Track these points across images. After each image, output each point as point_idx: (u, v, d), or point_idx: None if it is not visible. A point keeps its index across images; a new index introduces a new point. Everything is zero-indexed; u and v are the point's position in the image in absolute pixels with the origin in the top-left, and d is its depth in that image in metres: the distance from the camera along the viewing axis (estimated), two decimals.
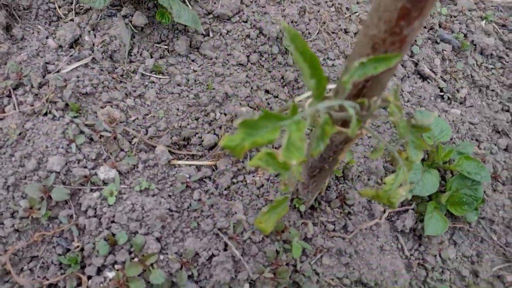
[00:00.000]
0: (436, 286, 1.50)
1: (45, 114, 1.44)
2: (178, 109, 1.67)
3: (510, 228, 1.67)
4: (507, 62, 2.19)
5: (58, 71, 1.56)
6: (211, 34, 1.91)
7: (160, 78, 1.75)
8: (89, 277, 1.27)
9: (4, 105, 1.44)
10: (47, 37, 1.64)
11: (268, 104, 1.82)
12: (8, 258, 1.23)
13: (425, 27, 2.19)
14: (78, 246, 1.28)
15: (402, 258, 1.52)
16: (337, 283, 1.39)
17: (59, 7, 1.77)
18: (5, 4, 1.60)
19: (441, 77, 2.04)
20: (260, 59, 1.92)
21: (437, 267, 1.54)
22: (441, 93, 1.99)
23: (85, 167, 1.37)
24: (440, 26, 2.24)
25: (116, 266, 1.26)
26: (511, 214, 1.69)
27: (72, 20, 1.73)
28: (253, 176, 1.52)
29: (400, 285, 1.45)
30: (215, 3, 1.95)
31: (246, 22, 1.96)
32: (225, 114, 1.70)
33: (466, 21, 2.27)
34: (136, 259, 1.26)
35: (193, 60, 1.85)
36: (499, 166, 1.82)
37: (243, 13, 1.97)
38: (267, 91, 1.87)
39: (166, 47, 1.85)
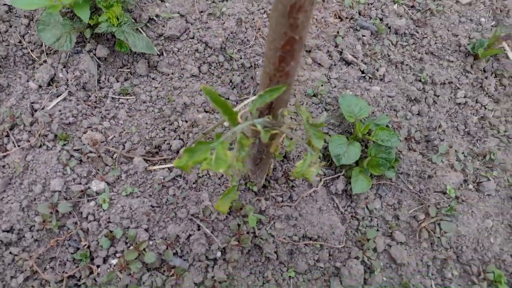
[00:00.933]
0: (366, 231, 1.95)
1: (40, 146, 1.80)
2: (147, 123, 2.04)
3: (422, 178, 2.12)
4: (418, 38, 2.60)
5: (43, 108, 1.91)
6: (165, 54, 2.25)
7: (128, 99, 2.10)
8: (98, 266, 1.67)
9: (5, 144, 1.79)
10: (27, 80, 1.97)
11: None
12: (33, 261, 1.62)
13: (346, 17, 2.57)
14: (85, 245, 1.67)
15: (338, 214, 1.97)
16: (288, 240, 1.83)
17: (32, 51, 2.08)
18: None
19: (362, 60, 2.44)
20: (210, 68, 2.28)
21: (366, 217, 1.99)
22: (363, 75, 2.40)
23: (80, 184, 1.75)
24: (360, 14, 2.62)
25: (117, 255, 1.67)
26: (422, 167, 2.14)
27: (45, 61, 2.06)
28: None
29: (337, 234, 1.89)
30: (164, 26, 2.29)
31: (193, 38, 2.30)
32: (186, 121, 2.07)
33: (381, 6, 2.66)
34: (132, 247, 1.67)
35: (153, 78, 2.20)
36: (413, 129, 2.26)
37: (190, 31, 2.31)
38: (219, 95, 2.24)
39: (128, 70, 2.19)
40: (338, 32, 2.48)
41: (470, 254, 1.97)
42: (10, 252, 1.62)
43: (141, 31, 2.25)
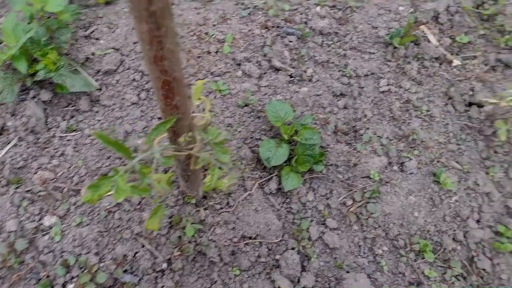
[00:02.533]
0: (301, 222, 2.15)
1: None
2: (92, 155, 2.24)
3: (348, 166, 2.32)
4: (341, 35, 2.78)
5: None
6: (104, 88, 2.45)
7: (74, 135, 2.30)
8: None
9: None
10: None
11: None
12: None
13: (272, 27, 2.76)
14: (45, 275, 1.88)
15: (274, 212, 2.17)
16: (229, 242, 2.04)
17: None
18: None
19: (290, 65, 2.63)
20: (148, 95, 2.48)
21: (300, 210, 2.19)
22: (292, 78, 2.59)
23: (34, 221, 1.96)
24: (286, 21, 2.81)
25: (73, 280, 1.88)
26: (348, 157, 2.34)
27: None
28: None
29: (274, 230, 2.10)
30: (100, 62, 2.48)
31: (129, 69, 2.50)
32: (129, 147, 2.27)
33: (304, 11, 2.85)
34: (85, 271, 1.88)
35: (96, 112, 2.40)
36: (340, 122, 2.46)
37: (125, 63, 2.51)
38: (159, 118, 2.44)
39: (73, 108, 2.39)
40: (265, 42, 2.67)
41: (397, 229, 2.18)
42: None
43: (80, 70, 2.45)
